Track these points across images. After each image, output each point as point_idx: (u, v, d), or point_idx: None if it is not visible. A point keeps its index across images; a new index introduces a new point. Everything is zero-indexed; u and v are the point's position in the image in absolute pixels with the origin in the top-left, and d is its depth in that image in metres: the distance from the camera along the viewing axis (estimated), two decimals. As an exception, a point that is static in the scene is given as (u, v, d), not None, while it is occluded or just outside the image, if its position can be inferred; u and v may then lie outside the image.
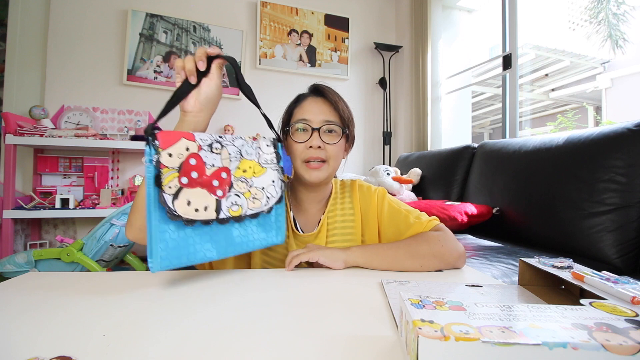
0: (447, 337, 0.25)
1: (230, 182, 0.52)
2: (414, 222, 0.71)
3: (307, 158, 0.69)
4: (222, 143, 0.52)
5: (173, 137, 0.48)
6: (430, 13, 2.50)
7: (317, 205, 0.78)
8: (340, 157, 0.75)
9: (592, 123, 5.53)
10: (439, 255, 0.63)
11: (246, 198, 0.54)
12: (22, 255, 1.49)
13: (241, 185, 0.53)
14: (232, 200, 0.52)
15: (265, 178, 0.57)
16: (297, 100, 0.75)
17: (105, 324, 0.39)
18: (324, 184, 0.76)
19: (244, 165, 0.55)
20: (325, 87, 0.74)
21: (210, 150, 0.50)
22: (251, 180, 0.55)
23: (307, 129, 0.70)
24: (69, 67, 2.22)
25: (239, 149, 0.55)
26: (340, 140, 0.72)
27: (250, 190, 0.55)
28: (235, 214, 0.52)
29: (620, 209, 1.04)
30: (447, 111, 2.64)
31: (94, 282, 0.55)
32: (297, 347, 0.34)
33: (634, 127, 1.05)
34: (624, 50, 4.90)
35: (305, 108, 0.72)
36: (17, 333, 0.37)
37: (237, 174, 0.53)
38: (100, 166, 2.25)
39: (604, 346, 0.24)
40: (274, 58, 2.65)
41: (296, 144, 0.70)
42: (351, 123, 0.75)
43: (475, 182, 1.68)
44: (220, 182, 0.50)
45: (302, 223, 0.77)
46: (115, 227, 1.56)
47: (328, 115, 0.71)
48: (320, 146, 0.69)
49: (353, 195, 0.79)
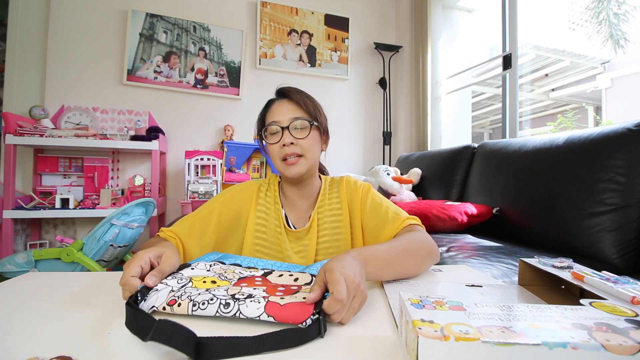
0: (447, 337, 0.25)
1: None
2: (393, 218, 0.71)
3: (284, 156, 0.73)
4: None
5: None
6: (430, 13, 2.50)
7: (307, 201, 0.81)
8: (317, 150, 0.78)
9: (592, 123, 5.53)
10: (434, 255, 0.64)
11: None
12: (22, 255, 1.49)
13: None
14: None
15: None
16: (266, 106, 0.80)
17: (105, 324, 0.39)
18: (308, 178, 0.79)
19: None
20: (289, 88, 0.78)
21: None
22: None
23: (278, 130, 0.74)
24: (69, 67, 2.22)
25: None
26: (311, 133, 0.74)
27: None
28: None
29: (620, 209, 1.04)
30: (447, 111, 2.64)
31: (94, 282, 0.55)
32: (297, 347, 0.34)
33: (634, 127, 1.05)
34: (625, 50, 4.90)
35: (274, 111, 0.76)
36: (17, 333, 0.37)
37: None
38: (100, 166, 2.25)
39: (604, 346, 0.24)
40: (274, 58, 2.65)
41: (272, 146, 0.75)
42: (319, 114, 0.78)
43: (475, 182, 1.68)
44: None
45: (293, 219, 0.80)
46: (115, 227, 1.56)
47: (294, 112, 0.74)
48: (293, 142, 0.72)
49: (340, 190, 0.82)
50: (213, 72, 2.51)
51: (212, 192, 2.11)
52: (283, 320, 0.37)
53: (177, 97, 2.45)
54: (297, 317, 0.37)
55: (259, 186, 0.82)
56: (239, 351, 0.32)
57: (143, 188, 2.22)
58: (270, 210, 0.79)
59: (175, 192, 2.45)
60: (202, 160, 2.17)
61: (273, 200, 0.81)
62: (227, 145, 2.23)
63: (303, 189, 0.80)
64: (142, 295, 0.41)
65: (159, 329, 0.30)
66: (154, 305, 0.40)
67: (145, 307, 0.40)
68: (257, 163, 2.37)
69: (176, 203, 2.39)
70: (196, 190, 2.09)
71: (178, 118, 2.45)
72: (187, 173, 2.13)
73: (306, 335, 0.35)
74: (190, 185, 2.10)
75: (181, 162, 2.39)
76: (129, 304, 0.37)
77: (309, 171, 0.76)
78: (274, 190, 0.82)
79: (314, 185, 0.81)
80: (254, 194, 0.80)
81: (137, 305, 0.39)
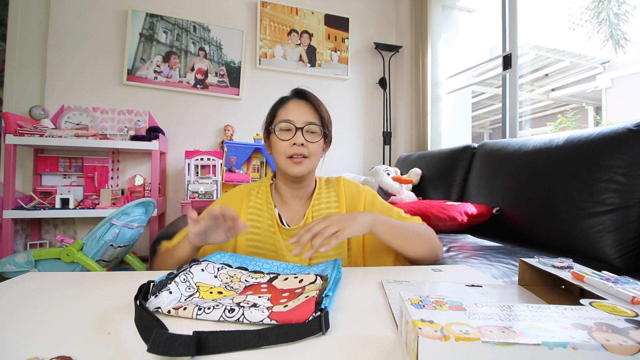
0: (447, 337, 0.25)
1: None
2: (404, 219, 0.81)
3: (291, 154, 0.75)
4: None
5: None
6: (430, 13, 2.50)
7: (301, 201, 0.83)
8: (320, 155, 0.81)
9: (592, 123, 5.53)
10: (437, 249, 0.75)
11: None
12: (22, 255, 1.49)
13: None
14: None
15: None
16: (280, 102, 0.81)
17: (105, 324, 0.39)
18: (306, 179, 0.81)
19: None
20: (308, 91, 0.80)
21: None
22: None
23: (291, 129, 0.75)
24: (69, 67, 2.22)
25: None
26: (320, 140, 0.78)
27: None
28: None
29: (620, 209, 1.04)
30: (447, 111, 2.64)
31: (94, 282, 0.55)
32: (298, 346, 0.34)
33: (634, 127, 1.05)
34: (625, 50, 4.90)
35: (289, 109, 0.77)
36: (17, 333, 0.37)
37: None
38: (100, 166, 2.25)
39: (603, 346, 0.24)
40: (274, 58, 2.65)
41: (280, 142, 0.76)
42: (330, 124, 0.82)
43: (475, 182, 1.68)
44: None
45: (287, 218, 0.81)
46: (115, 227, 1.56)
47: (310, 116, 0.77)
48: (303, 143, 0.75)
49: (338, 189, 0.84)
50: (213, 72, 2.51)
51: (212, 192, 2.11)
52: (285, 322, 0.37)
53: (177, 97, 2.45)
54: (299, 318, 0.37)
55: (249, 189, 0.84)
56: (239, 345, 0.32)
57: (143, 188, 2.22)
58: (262, 211, 0.80)
59: (175, 192, 2.45)
60: (202, 160, 2.17)
61: (265, 200, 0.82)
62: (227, 145, 2.23)
63: (299, 188, 0.81)
64: (157, 289, 0.42)
65: (155, 342, 0.30)
66: (160, 307, 0.41)
67: (152, 305, 0.41)
68: (257, 163, 2.37)
69: (176, 203, 2.40)
70: (196, 190, 2.09)
71: (178, 118, 2.45)
72: (187, 173, 2.13)
73: (307, 331, 0.35)
74: (190, 185, 2.10)
75: (181, 162, 2.39)
76: (139, 302, 0.39)
77: (310, 172, 0.79)
78: (265, 192, 0.83)
79: (310, 186, 0.83)
80: (244, 196, 0.82)
81: (145, 302, 0.40)
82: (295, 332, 0.35)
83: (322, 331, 0.36)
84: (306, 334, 0.35)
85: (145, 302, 0.40)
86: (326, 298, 0.40)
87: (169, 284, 0.44)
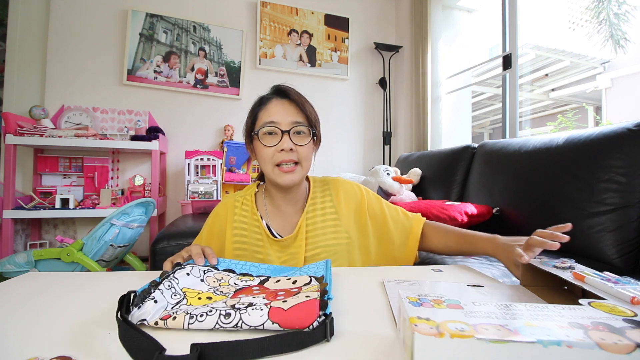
0: (442, 334, 0.25)
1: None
2: (412, 217, 0.79)
3: (279, 161, 0.68)
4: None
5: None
6: (430, 13, 2.50)
7: (294, 207, 0.77)
8: (311, 158, 0.74)
9: (592, 123, 5.53)
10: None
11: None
12: (22, 255, 1.49)
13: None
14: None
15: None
16: (260, 102, 0.73)
17: (105, 324, 0.39)
18: (297, 185, 0.75)
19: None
20: (289, 88, 0.73)
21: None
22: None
23: (276, 132, 0.68)
24: (69, 67, 2.22)
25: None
26: (310, 141, 0.71)
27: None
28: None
29: (620, 209, 1.04)
30: (447, 111, 2.64)
31: (94, 282, 0.56)
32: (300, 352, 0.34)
33: (634, 127, 1.05)
34: (625, 50, 4.89)
35: (271, 110, 0.70)
36: (17, 333, 0.37)
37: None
38: (100, 166, 2.25)
39: (598, 345, 0.24)
40: (274, 58, 2.65)
41: (266, 148, 0.69)
42: (317, 123, 0.74)
43: (475, 182, 1.68)
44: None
45: (277, 227, 0.75)
46: (115, 227, 1.56)
47: (295, 116, 0.69)
48: (292, 148, 0.68)
49: (334, 193, 0.78)
50: (213, 72, 2.52)
51: (212, 192, 2.11)
52: (289, 326, 0.35)
53: (177, 97, 2.45)
54: (303, 321, 0.35)
55: (233, 202, 0.78)
56: (242, 355, 0.31)
57: (143, 188, 2.22)
58: (247, 225, 0.75)
59: (175, 192, 2.45)
60: (202, 160, 2.17)
61: (250, 211, 0.76)
62: (227, 145, 2.23)
63: (291, 193, 0.75)
64: (140, 299, 0.39)
65: None
66: (145, 318, 0.37)
67: (136, 318, 0.37)
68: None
69: (176, 203, 2.40)
70: (196, 190, 2.09)
71: (178, 118, 2.45)
72: (187, 173, 2.13)
73: (311, 339, 0.34)
74: (190, 185, 2.10)
75: (181, 162, 2.39)
76: (121, 315, 0.35)
77: (302, 179, 0.74)
78: (250, 202, 0.77)
79: (302, 189, 0.77)
80: (229, 211, 0.76)
81: (127, 316, 0.37)
82: (299, 340, 0.33)
83: (327, 338, 0.35)
84: (311, 342, 0.34)
85: (127, 315, 0.37)
86: (329, 301, 0.39)
87: (152, 292, 0.41)
